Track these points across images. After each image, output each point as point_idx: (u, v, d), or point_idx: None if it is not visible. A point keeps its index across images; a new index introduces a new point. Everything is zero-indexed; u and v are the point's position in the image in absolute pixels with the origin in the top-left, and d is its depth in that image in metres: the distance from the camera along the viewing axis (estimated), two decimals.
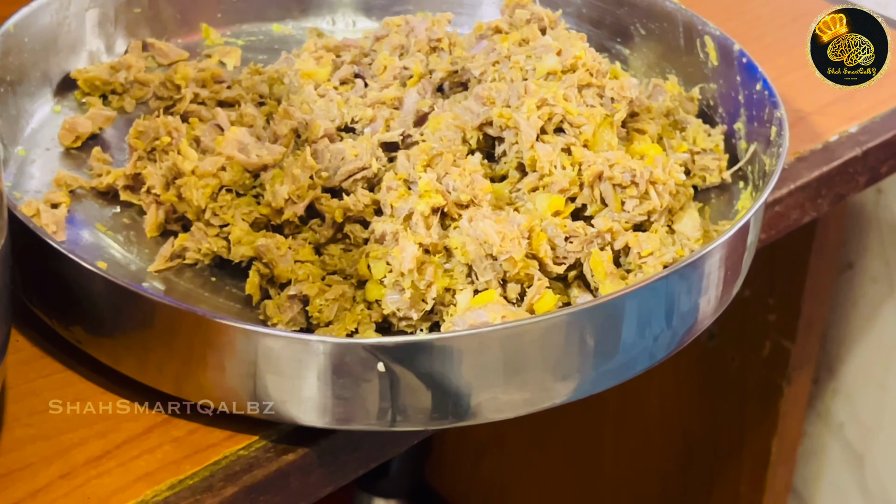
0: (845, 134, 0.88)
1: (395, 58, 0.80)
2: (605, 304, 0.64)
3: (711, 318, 0.71)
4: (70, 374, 0.66)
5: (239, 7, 0.90)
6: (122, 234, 0.73)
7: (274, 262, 0.68)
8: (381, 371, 0.61)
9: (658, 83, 0.83)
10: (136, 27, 0.86)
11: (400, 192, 0.70)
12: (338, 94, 0.74)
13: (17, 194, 0.74)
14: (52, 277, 0.66)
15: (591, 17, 0.88)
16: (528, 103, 0.72)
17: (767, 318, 1.08)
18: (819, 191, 0.86)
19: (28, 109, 0.80)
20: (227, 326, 0.61)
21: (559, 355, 0.64)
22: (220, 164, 0.73)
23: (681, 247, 0.71)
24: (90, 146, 0.78)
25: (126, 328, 0.64)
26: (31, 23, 0.80)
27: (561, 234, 0.68)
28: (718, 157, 0.78)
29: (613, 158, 0.71)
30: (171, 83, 0.81)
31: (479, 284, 0.67)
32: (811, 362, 1.11)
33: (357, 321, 0.67)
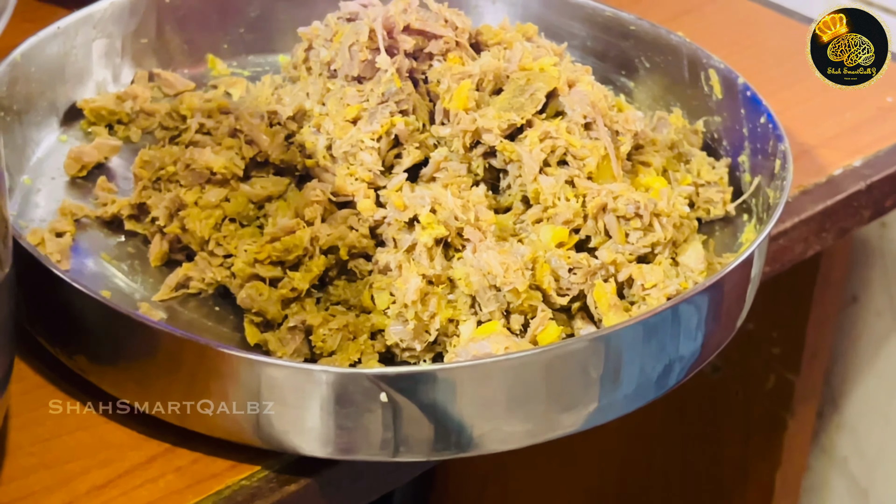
0: (849, 168, 0.88)
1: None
2: (609, 336, 0.64)
3: (715, 350, 0.71)
4: (73, 402, 0.67)
5: (245, 38, 0.90)
6: (127, 264, 0.73)
7: (264, 310, 0.68)
8: (384, 401, 0.61)
9: (662, 116, 0.83)
10: (142, 57, 0.87)
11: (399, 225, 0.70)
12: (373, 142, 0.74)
13: (23, 223, 0.75)
14: (56, 306, 0.66)
15: (596, 49, 0.89)
16: (530, 136, 0.73)
17: (771, 351, 1.08)
18: (823, 224, 0.86)
19: (34, 138, 0.80)
20: (231, 356, 0.62)
21: (562, 387, 0.64)
22: (224, 195, 0.73)
23: (685, 279, 0.71)
24: (95, 175, 0.78)
25: (129, 357, 0.64)
26: (39, 52, 0.80)
27: (564, 265, 0.69)
28: (722, 189, 0.78)
29: (617, 190, 0.71)
30: (177, 113, 0.81)
31: (482, 315, 0.67)
32: (815, 396, 1.11)
33: (360, 351, 0.67)
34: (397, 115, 0.75)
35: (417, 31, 0.77)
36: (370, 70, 0.77)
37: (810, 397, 1.10)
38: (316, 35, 0.81)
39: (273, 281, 0.69)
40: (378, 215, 0.71)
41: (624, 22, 0.88)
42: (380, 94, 0.75)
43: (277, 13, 0.91)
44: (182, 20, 0.88)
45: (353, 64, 0.77)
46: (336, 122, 0.75)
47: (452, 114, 0.74)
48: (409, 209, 0.70)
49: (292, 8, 0.90)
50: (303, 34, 0.82)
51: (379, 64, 0.76)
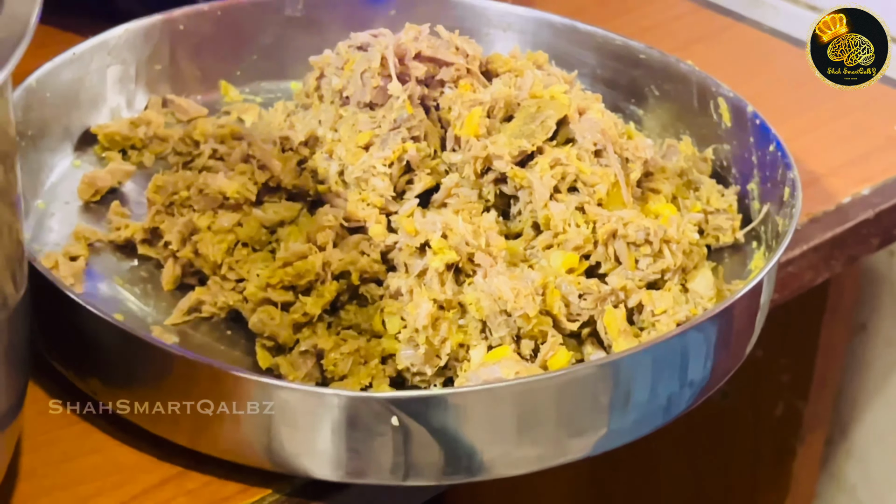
0: (858, 196, 0.88)
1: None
2: (619, 362, 0.65)
3: (724, 376, 0.71)
4: (86, 425, 0.67)
5: (258, 65, 0.91)
6: (139, 287, 0.74)
7: (275, 334, 0.69)
8: (395, 425, 0.61)
9: (672, 143, 0.84)
10: (156, 84, 0.87)
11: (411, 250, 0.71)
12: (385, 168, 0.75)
13: (37, 247, 0.75)
14: (69, 329, 0.66)
15: (606, 77, 0.89)
16: (541, 163, 0.73)
17: (781, 379, 1.08)
18: (832, 252, 0.86)
19: (48, 163, 0.81)
20: (243, 379, 0.62)
21: (573, 412, 0.64)
22: (237, 220, 0.74)
23: (694, 305, 0.72)
24: (109, 200, 0.79)
25: (142, 380, 0.65)
26: (53, 78, 0.81)
27: (575, 291, 0.69)
28: (732, 217, 0.79)
29: (627, 217, 0.71)
30: (190, 139, 0.81)
31: (492, 340, 0.68)
32: (824, 423, 1.11)
33: (371, 376, 0.68)
34: (409, 141, 0.75)
35: (429, 59, 0.78)
36: (382, 97, 0.77)
37: (819, 425, 1.10)
38: (327, 63, 0.82)
39: (285, 305, 0.70)
40: (389, 240, 0.72)
41: (634, 51, 0.88)
42: (392, 120, 0.76)
43: (290, 41, 0.91)
44: (195, 47, 0.89)
45: (365, 90, 0.78)
46: (348, 148, 0.76)
47: (463, 140, 0.75)
48: (421, 234, 0.70)
49: (304, 36, 0.91)
50: (314, 63, 0.83)
51: (391, 91, 0.77)
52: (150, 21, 0.87)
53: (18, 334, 0.60)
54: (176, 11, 0.88)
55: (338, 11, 0.92)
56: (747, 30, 1.07)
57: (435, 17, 0.85)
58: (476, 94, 0.77)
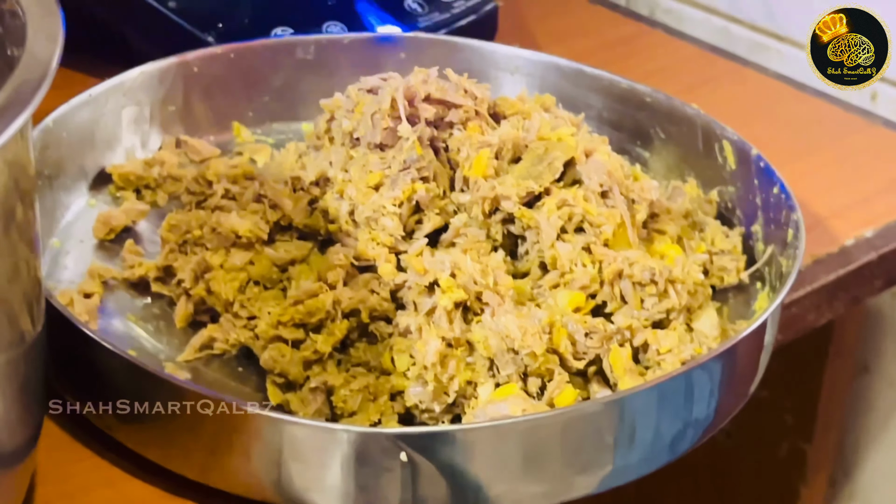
0: (861, 238, 0.89)
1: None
2: (624, 399, 0.65)
3: (728, 416, 0.72)
4: (99, 459, 0.68)
5: (269, 106, 0.92)
6: (152, 324, 0.75)
7: (286, 371, 0.70)
8: (403, 461, 0.62)
9: (677, 185, 0.85)
10: (170, 124, 0.89)
11: (420, 289, 0.72)
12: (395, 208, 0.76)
13: (52, 284, 0.76)
14: (84, 364, 0.67)
15: (612, 120, 0.91)
16: (548, 203, 0.74)
17: (784, 420, 1.08)
18: (835, 293, 0.87)
19: (64, 202, 0.82)
20: (253, 414, 0.63)
21: (578, 449, 0.65)
22: (249, 258, 0.75)
23: (699, 345, 0.72)
24: (123, 239, 0.80)
25: (154, 414, 0.66)
26: (70, 119, 0.82)
27: (581, 330, 0.70)
28: (736, 258, 0.80)
29: (633, 257, 0.72)
30: (204, 179, 0.82)
31: (500, 378, 0.69)
32: (828, 464, 1.11)
33: (380, 412, 0.69)
34: (418, 181, 0.76)
35: (438, 101, 0.79)
36: (392, 138, 0.78)
37: (823, 466, 1.10)
38: (338, 106, 0.83)
39: (295, 343, 0.71)
40: (399, 279, 0.73)
41: (640, 94, 0.90)
42: (401, 161, 0.77)
43: (301, 83, 0.93)
44: (209, 89, 0.90)
45: (375, 132, 0.79)
46: (359, 189, 0.77)
47: (472, 181, 0.76)
48: (430, 273, 0.71)
49: (315, 78, 0.92)
50: (325, 106, 0.84)
51: (400, 132, 0.78)
52: (164, 63, 0.88)
53: (35, 369, 0.61)
54: (190, 54, 0.89)
55: (348, 54, 0.93)
56: (752, 74, 1.09)
57: (444, 59, 0.86)
58: (484, 135, 0.78)
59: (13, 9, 0.58)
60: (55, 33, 0.56)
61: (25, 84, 0.52)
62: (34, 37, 0.56)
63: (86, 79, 0.90)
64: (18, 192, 0.55)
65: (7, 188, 0.54)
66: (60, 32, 0.56)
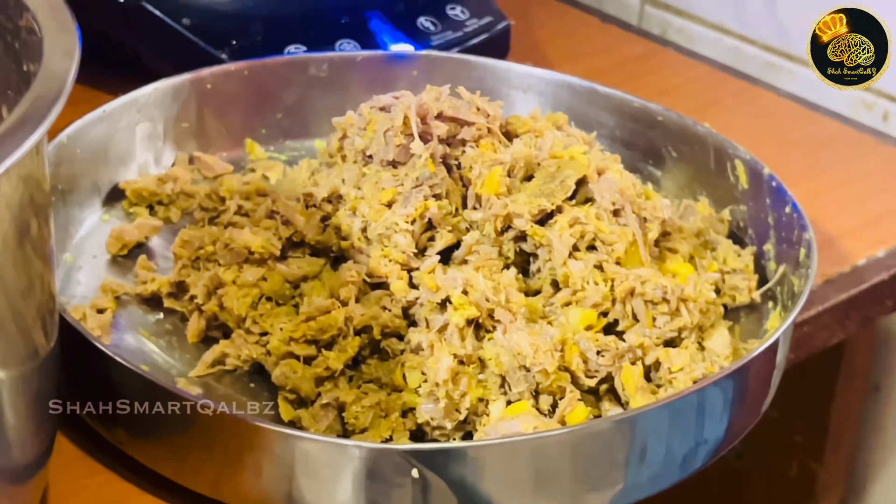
0: (873, 258, 0.89)
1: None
2: (636, 418, 0.65)
3: (740, 434, 0.72)
4: (110, 474, 0.68)
5: (282, 123, 0.93)
6: (165, 340, 0.75)
7: (298, 387, 0.70)
8: (414, 477, 0.62)
9: (689, 204, 0.85)
10: (183, 141, 0.89)
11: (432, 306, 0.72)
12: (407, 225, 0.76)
13: (65, 299, 0.76)
14: (96, 379, 0.68)
15: (624, 138, 0.91)
16: (560, 221, 0.74)
17: (794, 440, 1.08)
18: (847, 313, 0.87)
19: (77, 218, 0.82)
20: (265, 429, 0.63)
21: (589, 467, 0.65)
22: (261, 275, 0.75)
23: (710, 363, 0.72)
24: (136, 254, 0.80)
25: (166, 430, 0.66)
26: (84, 135, 0.83)
27: (593, 347, 0.70)
28: (748, 277, 0.80)
29: (645, 275, 0.72)
30: (217, 195, 0.83)
31: (511, 395, 0.69)
32: (838, 485, 1.11)
33: (392, 429, 0.69)
34: (431, 199, 0.76)
35: (450, 118, 0.79)
36: (405, 155, 0.79)
37: (833, 486, 1.10)
38: (350, 124, 0.83)
39: (307, 359, 0.71)
40: (411, 296, 0.73)
41: (652, 112, 0.90)
42: (414, 178, 0.77)
43: (314, 99, 0.93)
44: (222, 106, 0.90)
45: (388, 149, 0.79)
46: (371, 205, 0.77)
47: (484, 199, 0.76)
48: (442, 290, 0.72)
49: (328, 95, 0.93)
50: (337, 124, 0.84)
51: (413, 149, 0.78)
52: (178, 80, 0.88)
53: (48, 384, 0.61)
54: (204, 71, 0.90)
55: (361, 72, 0.93)
56: (763, 93, 1.09)
57: (457, 77, 0.87)
58: (497, 153, 0.78)
59: (30, 25, 0.59)
60: (71, 49, 0.56)
61: (41, 99, 0.53)
62: (50, 53, 0.56)
63: (100, 95, 0.91)
64: (33, 208, 0.56)
65: (22, 203, 0.54)
66: (77, 49, 0.56)
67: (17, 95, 0.60)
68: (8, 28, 0.61)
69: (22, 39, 0.60)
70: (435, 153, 0.78)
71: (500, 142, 0.80)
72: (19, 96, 0.54)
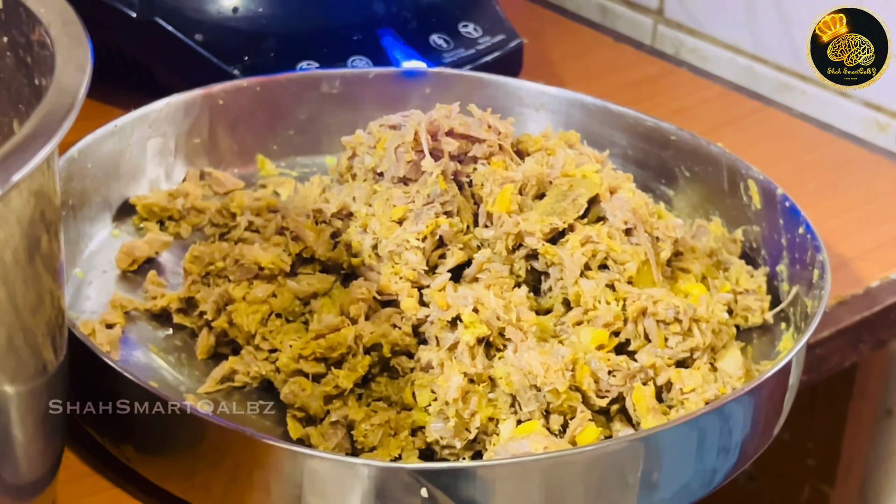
0: (887, 280, 0.89)
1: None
2: (647, 438, 0.65)
3: (752, 456, 0.72)
4: (118, 491, 0.68)
5: (294, 140, 0.93)
6: (174, 356, 0.75)
7: (306, 405, 0.69)
8: (423, 496, 0.62)
9: (702, 224, 0.84)
10: (194, 157, 0.89)
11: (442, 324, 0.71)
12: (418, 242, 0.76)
13: (74, 314, 0.76)
14: (105, 395, 0.67)
15: (637, 158, 0.91)
16: (572, 240, 0.74)
17: (807, 463, 1.08)
18: (860, 335, 0.87)
19: (87, 233, 0.82)
20: (274, 447, 0.63)
21: (600, 487, 0.65)
22: (271, 291, 0.75)
23: (723, 384, 0.72)
24: (146, 270, 0.80)
25: (175, 447, 0.66)
26: (95, 150, 0.83)
27: (604, 367, 0.70)
28: (761, 298, 0.79)
29: (657, 295, 0.72)
30: (227, 211, 0.83)
31: (522, 415, 0.68)
32: None
33: (401, 447, 0.68)
34: (442, 216, 0.76)
35: (461, 135, 0.79)
36: (415, 172, 0.78)
37: None
38: (360, 143, 0.83)
39: (316, 377, 0.71)
40: (421, 314, 0.73)
41: (665, 132, 0.90)
42: (425, 195, 0.77)
43: (326, 116, 0.93)
44: (233, 122, 0.90)
45: (399, 165, 0.79)
46: (382, 223, 0.77)
47: (496, 216, 0.76)
48: (452, 308, 0.71)
49: (340, 112, 0.93)
50: (346, 143, 0.84)
51: (424, 166, 0.78)
52: (190, 95, 0.88)
53: (56, 400, 0.61)
54: (216, 86, 0.90)
55: (373, 89, 0.93)
56: (776, 114, 1.09)
57: (469, 95, 0.87)
58: (508, 171, 0.78)
59: (42, 39, 0.59)
60: (83, 64, 0.56)
61: (53, 114, 0.53)
62: (62, 67, 0.56)
63: (111, 110, 0.91)
64: (44, 222, 0.55)
65: (33, 218, 0.54)
66: (89, 63, 0.56)
67: (29, 109, 0.60)
68: (20, 42, 0.61)
69: (34, 54, 0.60)
70: (446, 170, 0.78)
71: (511, 159, 0.80)
72: (31, 110, 0.54)
